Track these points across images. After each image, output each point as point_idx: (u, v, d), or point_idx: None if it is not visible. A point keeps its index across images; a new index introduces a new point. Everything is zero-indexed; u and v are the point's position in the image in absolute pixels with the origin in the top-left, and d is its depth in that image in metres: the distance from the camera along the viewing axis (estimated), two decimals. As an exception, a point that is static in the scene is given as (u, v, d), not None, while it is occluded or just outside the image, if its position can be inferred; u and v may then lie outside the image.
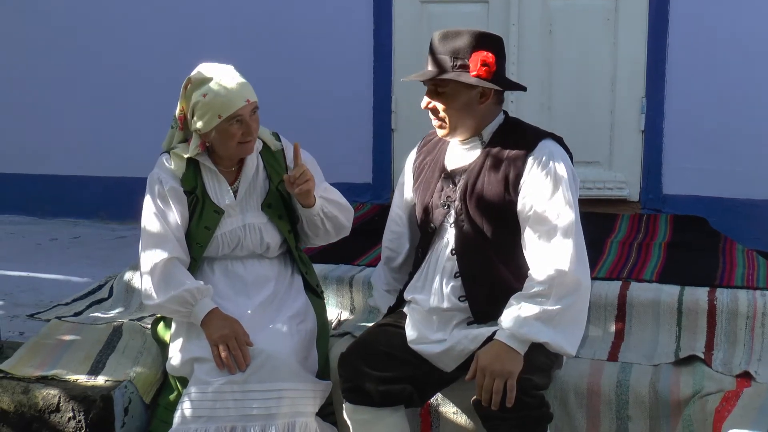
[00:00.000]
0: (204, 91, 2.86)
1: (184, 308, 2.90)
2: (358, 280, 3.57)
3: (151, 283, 2.91)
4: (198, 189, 2.99)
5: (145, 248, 2.96)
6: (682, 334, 3.22)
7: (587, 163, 4.78)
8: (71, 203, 5.50)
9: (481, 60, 2.63)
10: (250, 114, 2.89)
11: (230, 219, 3.02)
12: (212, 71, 2.90)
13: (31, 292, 4.12)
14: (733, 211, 4.64)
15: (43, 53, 5.47)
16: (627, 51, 4.76)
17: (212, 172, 3.02)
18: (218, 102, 2.84)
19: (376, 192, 5.07)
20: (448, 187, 2.79)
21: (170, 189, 2.96)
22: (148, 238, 2.96)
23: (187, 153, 2.97)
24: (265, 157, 3.08)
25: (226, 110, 2.85)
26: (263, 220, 3.04)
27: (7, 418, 3.15)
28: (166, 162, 3.01)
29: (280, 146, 3.11)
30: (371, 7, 5.01)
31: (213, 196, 3.01)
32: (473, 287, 2.72)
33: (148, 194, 2.99)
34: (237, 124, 2.88)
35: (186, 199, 2.98)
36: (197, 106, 2.88)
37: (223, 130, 2.88)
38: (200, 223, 2.99)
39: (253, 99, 2.90)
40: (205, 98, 2.85)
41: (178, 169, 2.98)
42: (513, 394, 2.51)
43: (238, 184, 3.04)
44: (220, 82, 2.86)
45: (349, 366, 2.79)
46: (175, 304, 2.89)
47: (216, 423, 2.81)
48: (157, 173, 3.00)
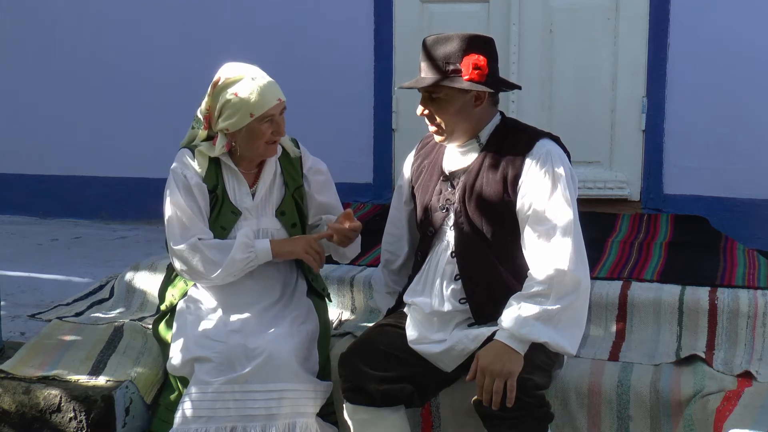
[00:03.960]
0: (235, 90, 2.85)
1: (248, 254, 2.91)
2: (359, 280, 3.57)
3: (202, 261, 2.88)
4: (219, 188, 2.98)
5: (177, 237, 2.91)
6: (683, 333, 3.22)
7: (588, 163, 4.78)
8: (72, 203, 5.50)
9: (472, 63, 2.63)
10: (280, 113, 2.91)
11: (246, 222, 3.01)
12: (242, 71, 2.90)
13: (32, 292, 4.12)
14: (733, 211, 4.64)
15: (43, 53, 5.47)
16: (628, 50, 4.76)
17: (233, 172, 3.01)
18: (251, 101, 2.84)
19: (377, 192, 5.08)
20: (447, 189, 2.79)
21: (196, 185, 2.94)
22: (179, 227, 2.92)
23: (212, 152, 2.94)
24: (283, 163, 3.07)
25: (259, 109, 2.85)
26: (277, 227, 3.04)
27: (9, 418, 3.15)
28: (189, 159, 2.98)
29: (298, 153, 3.09)
30: (372, 7, 5.01)
31: (232, 197, 3.00)
32: (473, 289, 2.72)
33: (173, 188, 2.95)
34: (267, 124, 2.88)
35: (209, 196, 2.97)
36: (227, 105, 2.86)
37: (253, 129, 2.87)
38: (217, 222, 2.98)
39: (283, 98, 2.91)
40: (237, 97, 2.84)
41: (201, 167, 2.96)
42: (513, 394, 2.51)
43: (256, 186, 3.03)
44: (251, 81, 2.86)
45: (349, 366, 2.79)
46: (241, 261, 2.90)
47: (216, 423, 2.82)
48: (181, 169, 2.96)
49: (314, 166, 3.12)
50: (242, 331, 2.91)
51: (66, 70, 5.46)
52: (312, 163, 3.13)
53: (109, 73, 5.39)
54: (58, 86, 5.49)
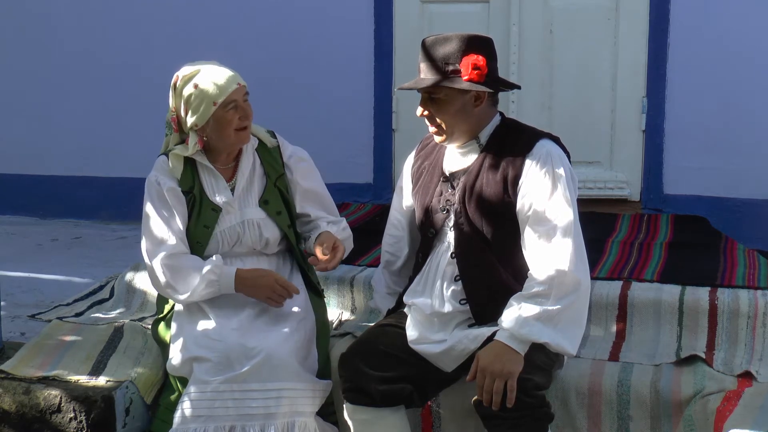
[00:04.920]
0: (195, 83, 2.90)
1: (213, 288, 2.94)
2: (359, 280, 3.57)
3: (170, 283, 2.93)
4: (195, 188, 3.01)
5: (148, 251, 2.98)
6: (684, 333, 3.22)
7: (588, 163, 4.79)
8: (72, 204, 5.49)
9: (472, 64, 2.64)
10: (243, 98, 2.94)
11: (228, 216, 3.03)
12: (197, 66, 2.96)
13: (32, 292, 4.12)
14: (734, 211, 4.64)
15: (44, 53, 5.47)
16: (628, 51, 4.76)
17: (209, 170, 3.04)
18: (211, 89, 2.88)
19: (377, 192, 5.07)
20: (447, 190, 2.79)
21: (168, 189, 2.98)
22: (150, 240, 2.98)
23: (186, 152, 2.98)
24: (261, 153, 3.10)
25: (220, 95, 2.89)
26: (261, 216, 3.06)
27: (9, 419, 3.15)
28: (163, 164, 3.03)
29: (276, 143, 3.13)
30: (372, 7, 5.01)
31: (210, 195, 3.02)
32: (474, 290, 2.72)
33: (147, 198, 3.01)
34: (233, 110, 2.91)
35: (184, 198, 3.00)
36: (190, 99, 2.91)
37: (220, 117, 2.91)
38: (199, 222, 3.00)
39: (243, 83, 2.95)
40: (197, 89, 2.90)
41: (175, 170, 2.99)
42: (513, 395, 2.51)
43: (235, 181, 3.06)
44: (208, 72, 2.92)
45: (349, 366, 2.79)
46: (204, 290, 2.93)
47: (215, 422, 2.82)
48: (155, 175, 3.02)
49: (295, 154, 3.15)
50: (241, 330, 2.91)
51: (66, 70, 5.45)
52: (292, 151, 3.16)
53: (108, 73, 5.38)
54: (57, 86, 5.48)
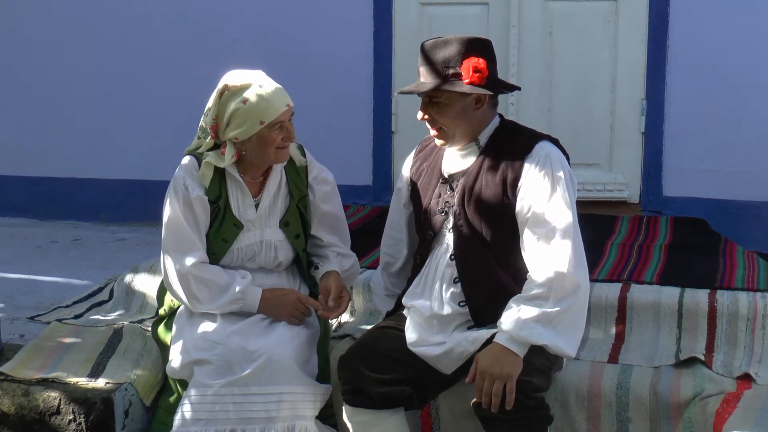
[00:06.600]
0: (243, 98, 2.81)
1: (237, 306, 2.94)
2: (358, 282, 3.55)
3: (194, 294, 2.90)
4: (221, 199, 2.95)
5: (171, 252, 2.92)
6: (683, 335, 3.22)
7: (587, 165, 4.79)
8: (71, 205, 5.49)
9: (472, 66, 2.63)
10: (289, 119, 2.88)
11: (249, 234, 2.98)
12: (248, 78, 2.86)
13: (32, 294, 4.12)
14: (733, 213, 4.64)
15: (44, 54, 5.47)
16: (627, 52, 4.76)
17: (237, 183, 2.96)
18: (260, 108, 2.81)
19: (377, 194, 5.07)
20: (446, 192, 2.79)
21: (197, 198, 2.90)
22: (174, 242, 2.91)
23: (221, 163, 2.89)
24: (289, 172, 3.04)
25: (269, 116, 2.82)
26: (280, 238, 3.02)
27: (8, 421, 3.15)
28: (194, 168, 2.92)
29: (304, 162, 3.07)
30: (371, 8, 5.01)
31: (235, 209, 2.96)
32: (473, 292, 2.72)
33: (173, 198, 2.92)
34: (278, 130, 2.85)
35: (210, 208, 2.94)
36: (236, 114, 2.82)
37: (264, 136, 2.84)
38: (219, 235, 2.96)
39: (291, 103, 2.88)
40: (246, 105, 2.81)
41: (205, 177, 2.90)
42: (512, 397, 2.51)
43: (260, 197, 3.00)
44: (258, 88, 2.83)
45: (348, 368, 2.79)
46: (227, 306, 2.93)
47: (215, 426, 2.81)
48: (183, 179, 2.92)
49: (320, 175, 3.09)
50: (241, 333, 2.90)
51: (65, 71, 5.45)
52: (318, 171, 3.09)
53: (108, 75, 5.38)
54: (57, 88, 5.48)
